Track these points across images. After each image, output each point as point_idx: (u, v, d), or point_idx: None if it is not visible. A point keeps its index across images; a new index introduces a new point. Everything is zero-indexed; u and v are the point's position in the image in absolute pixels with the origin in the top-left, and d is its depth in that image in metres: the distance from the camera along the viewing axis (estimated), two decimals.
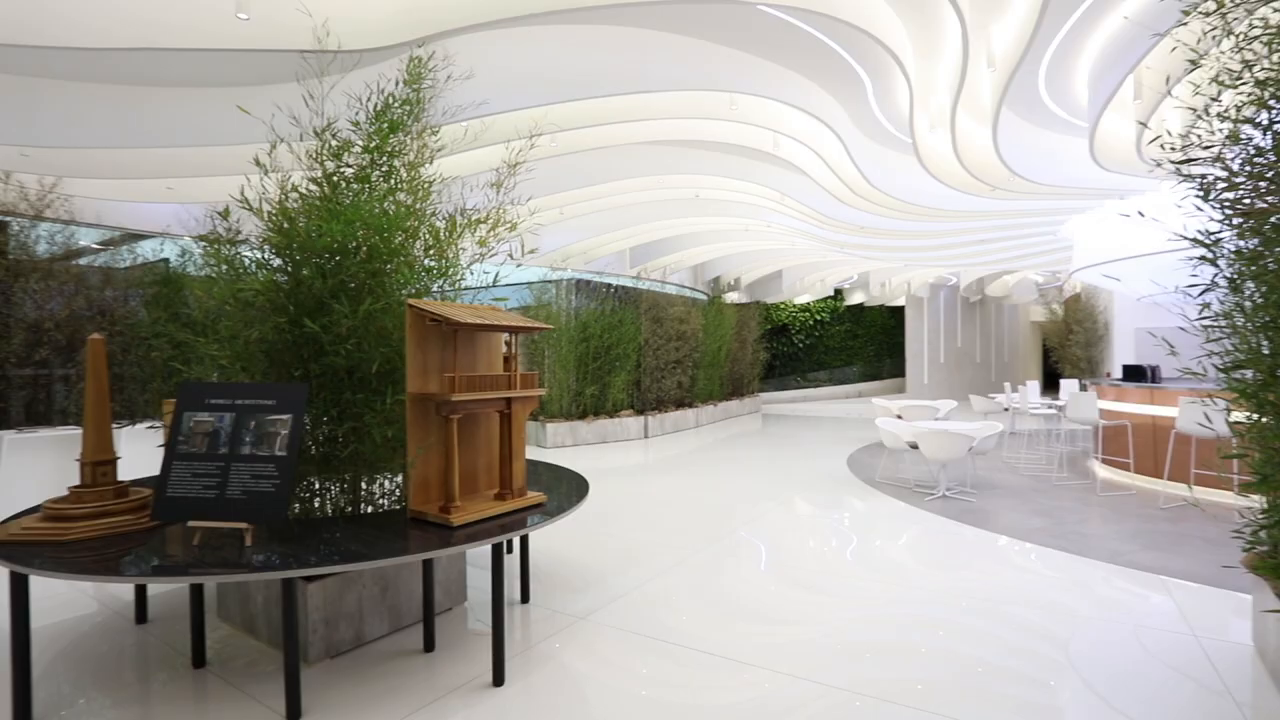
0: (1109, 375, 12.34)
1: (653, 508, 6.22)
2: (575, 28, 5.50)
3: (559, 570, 4.29)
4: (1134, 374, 7.85)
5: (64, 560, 2.43)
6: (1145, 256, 8.65)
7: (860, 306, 23.63)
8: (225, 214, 3.28)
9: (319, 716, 2.54)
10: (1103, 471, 7.52)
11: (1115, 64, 5.57)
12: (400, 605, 3.32)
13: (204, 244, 3.37)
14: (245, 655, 3.08)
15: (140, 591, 3.56)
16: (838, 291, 23.22)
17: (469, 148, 5.39)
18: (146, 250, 7.81)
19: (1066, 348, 16.58)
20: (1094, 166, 7.66)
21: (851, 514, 5.87)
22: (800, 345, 22.81)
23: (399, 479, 3.43)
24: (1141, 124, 4.37)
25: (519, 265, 3.68)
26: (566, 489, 3.61)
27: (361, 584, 3.14)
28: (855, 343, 23.67)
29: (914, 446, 6.53)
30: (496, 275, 3.68)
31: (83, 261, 7.27)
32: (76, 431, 5.80)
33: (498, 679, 2.78)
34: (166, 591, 3.81)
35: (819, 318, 23.05)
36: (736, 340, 15.93)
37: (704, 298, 16.12)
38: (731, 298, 18.51)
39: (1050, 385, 20.50)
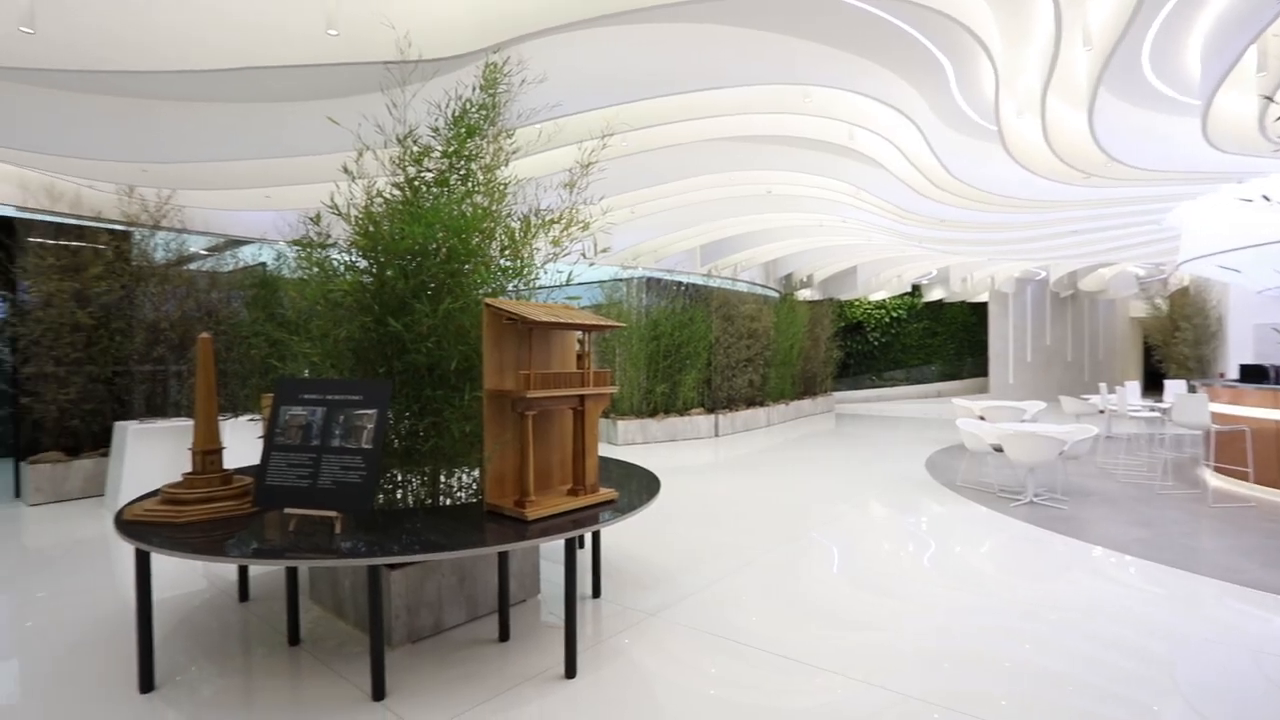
0: (1223, 375, 11.33)
1: (723, 506, 6.18)
2: (646, 26, 5.51)
3: (629, 566, 4.33)
4: (1254, 374, 7.17)
5: (179, 540, 2.64)
6: (1269, 245, 7.88)
7: (939, 303, 22.63)
8: (316, 219, 3.47)
9: (402, 697, 2.66)
10: (1215, 480, 6.91)
11: (1235, 33, 5.09)
12: (477, 595, 3.43)
13: (297, 248, 3.58)
14: (335, 636, 3.26)
15: (243, 572, 3.84)
16: (915, 287, 22.31)
17: (543, 149, 5.49)
18: (247, 255, 8.40)
19: (1172, 345, 15.34)
20: (1206, 148, 7.03)
21: (929, 518, 5.64)
22: (875, 343, 22.08)
23: (476, 473, 3.53)
24: (1266, 98, 3.97)
25: (591, 264, 3.73)
26: (637, 486, 3.63)
27: (441, 573, 3.26)
28: (934, 341, 22.70)
29: (998, 449, 6.20)
30: (570, 274, 3.74)
31: (192, 266, 7.88)
32: (188, 423, 6.30)
33: (569, 671, 2.83)
34: (265, 573, 4.08)
35: (895, 315, 22.24)
36: (809, 338, 15.60)
37: (776, 295, 15.85)
38: (804, 295, 18.13)
39: (1153, 386, 19.02)
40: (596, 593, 3.80)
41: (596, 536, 3.90)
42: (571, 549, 2.84)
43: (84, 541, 5.13)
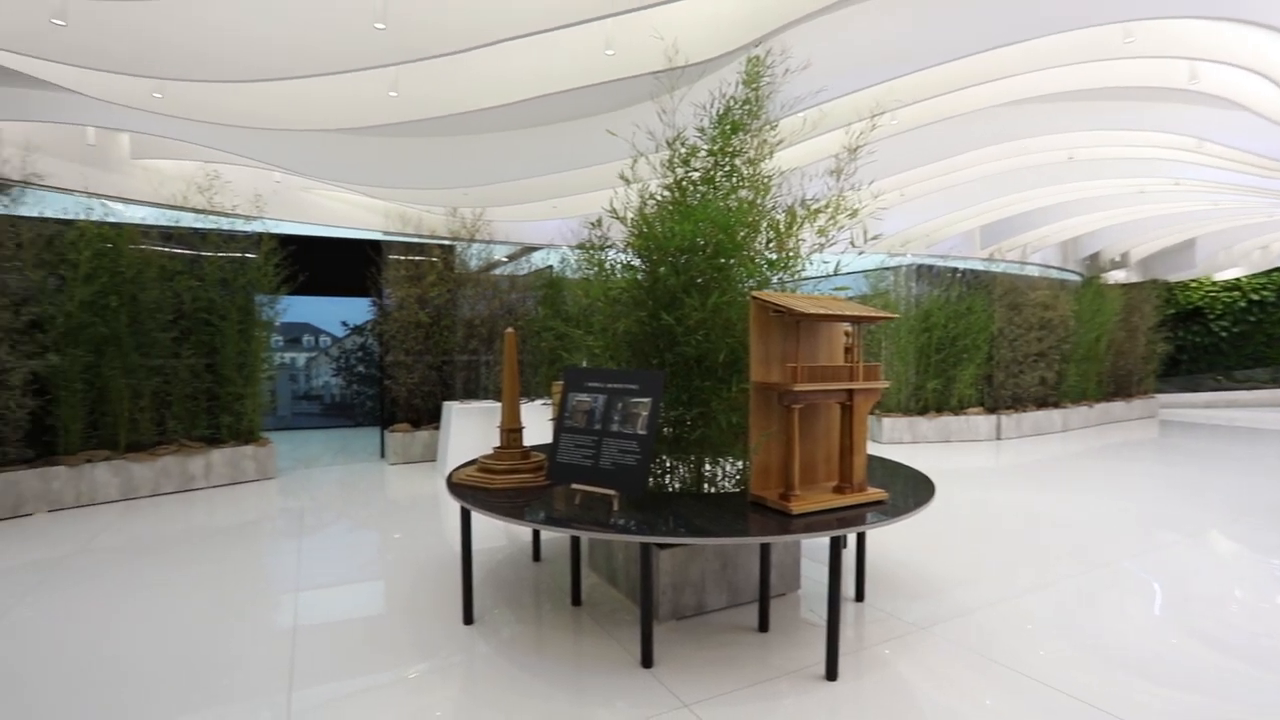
0: None
1: (1006, 519, 5.45)
2: None
3: (896, 572, 4.06)
4: None
5: (490, 503, 3.14)
6: None
7: None
8: (597, 224, 3.83)
9: (668, 669, 2.83)
10: None
11: None
12: (738, 583, 3.50)
13: (579, 251, 3.99)
14: (609, 603, 3.60)
15: (536, 535, 4.43)
16: None
17: (806, 137, 5.36)
18: (537, 259, 9.65)
19: None
20: None
21: None
22: (1222, 334, 17.54)
23: (740, 464, 3.61)
24: None
25: (861, 253, 3.55)
26: (905, 487, 3.38)
27: (705, 558, 3.40)
28: None
29: None
30: (837, 265, 3.61)
31: (496, 272, 9.31)
32: (495, 404, 7.47)
33: (830, 674, 2.75)
34: (553, 539, 4.65)
35: (1256, 298, 17.38)
36: (1122, 329, 12.99)
37: (1077, 279, 13.50)
38: (1115, 277, 15.15)
39: None
40: (860, 596, 3.63)
41: (862, 537, 3.72)
42: (836, 548, 2.75)
43: (424, 497, 6.39)
